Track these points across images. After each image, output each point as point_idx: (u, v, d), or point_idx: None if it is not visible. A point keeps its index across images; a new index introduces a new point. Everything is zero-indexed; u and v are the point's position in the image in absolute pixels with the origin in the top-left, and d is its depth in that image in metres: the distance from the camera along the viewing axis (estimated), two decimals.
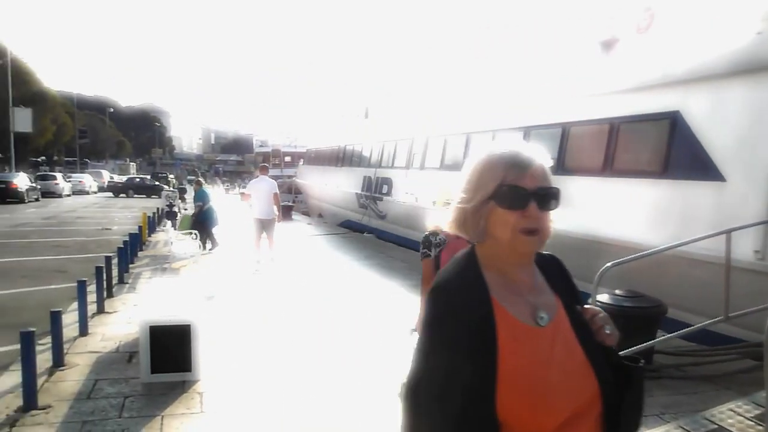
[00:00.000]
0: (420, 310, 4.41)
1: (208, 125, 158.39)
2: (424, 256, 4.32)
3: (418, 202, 14.54)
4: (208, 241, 13.78)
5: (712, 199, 6.77)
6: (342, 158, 23.92)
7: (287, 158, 53.11)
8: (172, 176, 62.28)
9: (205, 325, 5.83)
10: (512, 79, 12.25)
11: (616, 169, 8.30)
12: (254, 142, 71.28)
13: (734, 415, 4.44)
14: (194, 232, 12.88)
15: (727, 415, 4.45)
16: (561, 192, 1.33)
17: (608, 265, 5.17)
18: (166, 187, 39.87)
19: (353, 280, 10.74)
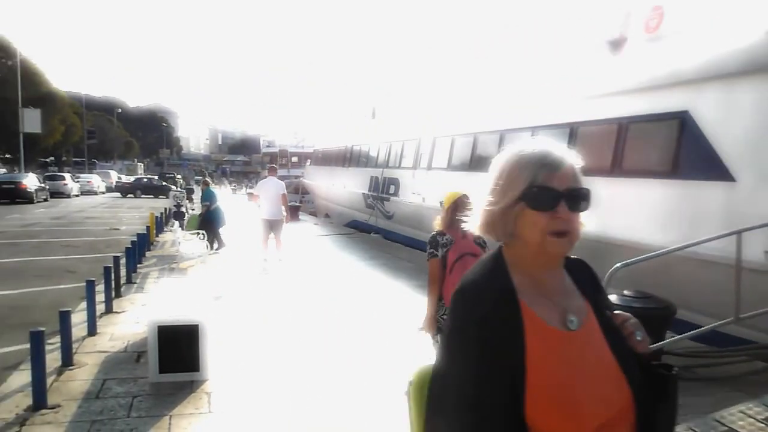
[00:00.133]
0: (427, 309, 4.40)
1: (215, 125, 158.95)
2: (431, 256, 4.33)
3: (425, 202, 14.53)
4: (215, 241, 13.82)
5: (721, 199, 6.72)
6: (349, 158, 23.93)
7: (294, 158, 53.29)
8: (179, 176, 62.54)
9: (213, 325, 5.84)
10: (520, 79, 12.22)
11: (625, 169, 8.26)
12: (261, 143, 71.48)
13: (745, 417, 4.40)
14: (202, 232, 12.92)
15: (738, 417, 4.42)
16: (592, 193, 1.29)
17: (617, 265, 5.14)
18: (174, 188, 40.05)
19: (360, 281, 10.74)
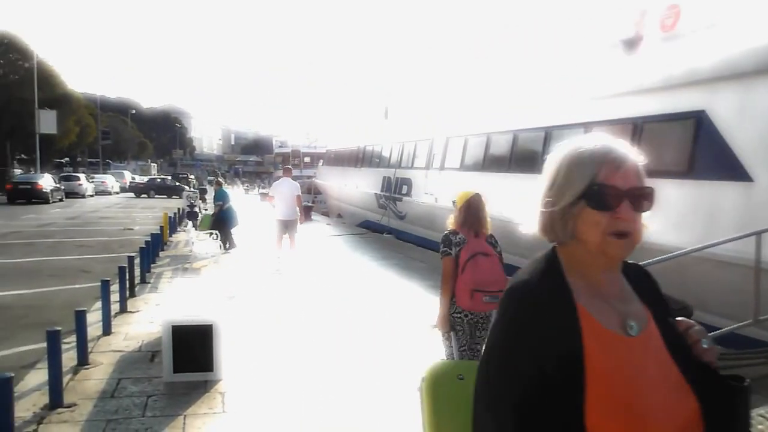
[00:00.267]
0: (440, 307, 4.40)
1: (228, 126, 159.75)
2: (445, 254, 4.34)
3: (438, 202, 14.49)
4: (227, 241, 13.88)
5: (739, 199, 6.64)
6: (361, 159, 23.94)
7: (306, 159, 53.48)
8: (192, 177, 62.90)
9: (227, 325, 5.86)
10: (533, 79, 12.15)
11: None
12: (274, 143, 71.70)
13: (764, 421, 4.34)
14: (215, 233, 12.98)
15: (758, 420, 4.35)
16: (655, 193, 1.24)
17: None
18: (187, 188, 40.31)
19: (372, 281, 10.74)
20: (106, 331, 6.80)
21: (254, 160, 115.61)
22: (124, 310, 7.86)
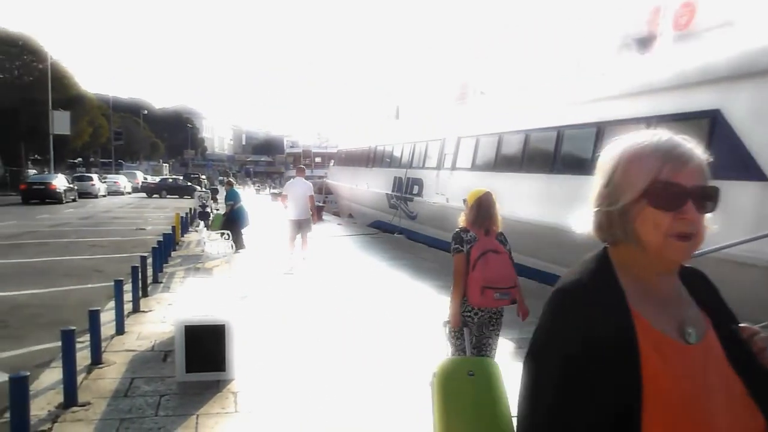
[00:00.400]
0: (451, 304, 4.41)
1: (239, 126, 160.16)
2: (457, 251, 4.37)
3: (449, 202, 14.46)
4: (237, 241, 13.92)
5: (754, 199, 6.57)
6: (372, 159, 23.95)
7: (317, 159, 53.62)
8: (204, 177, 63.19)
9: (239, 324, 5.88)
10: (544, 79, 12.10)
11: None
12: (285, 143, 71.92)
13: None
14: (226, 233, 13.03)
15: None
16: (720, 192, 1.17)
17: None
18: (199, 188, 40.49)
19: (384, 281, 10.73)
20: (119, 330, 6.84)
21: (265, 161, 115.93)
22: (136, 309, 7.91)
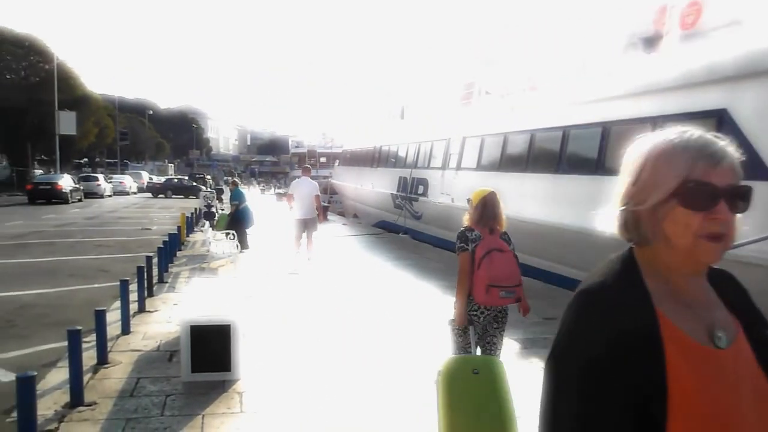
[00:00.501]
0: (457, 302, 4.40)
1: (244, 126, 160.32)
2: (462, 250, 4.38)
3: (455, 202, 14.45)
4: (242, 241, 13.94)
5: (762, 200, 6.52)
6: (377, 159, 23.95)
7: (322, 159, 53.71)
8: (209, 177, 63.30)
9: (245, 324, 5.88)
10: (549, 78, 12.06)
11: None
12: (290, 143, 72.04)
13: None
14: (232, 233, 13.06)
15: None
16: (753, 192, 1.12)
17: None
18: (204, 188, 40.58)
19: (389, 281, 10.72)
20: (125, 330, 6.85)
21: (270, 161, 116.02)
22: (142, 309, 7.93)
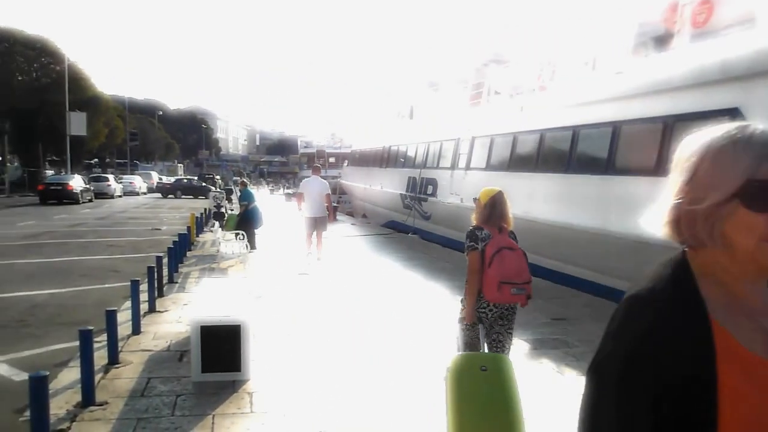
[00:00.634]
0: (467, 301, 4.41)
1: (253, 126, 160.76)
2: (472, 249, 4.42)
3: (464, 202, 14.42)
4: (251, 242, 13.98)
5: None
6: (386, 159, 23.94)
7: (331, 159, 53.77)
8: (218, 177, 63.53)
9: (255, 325, 5.89)
10: (559, 78, 12.01)
11: (671, 169, 8.03)
12: (299, 144, 72.12)
13: None
14: (241, 233, 13.10)
15: None
16: None
17: None
18: (213, 189, 40.73)
19: (398, 281, 10.71)
20: (136, 330, 6.88)
21: (279, 161, 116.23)
22: (152, 309, 7.96)
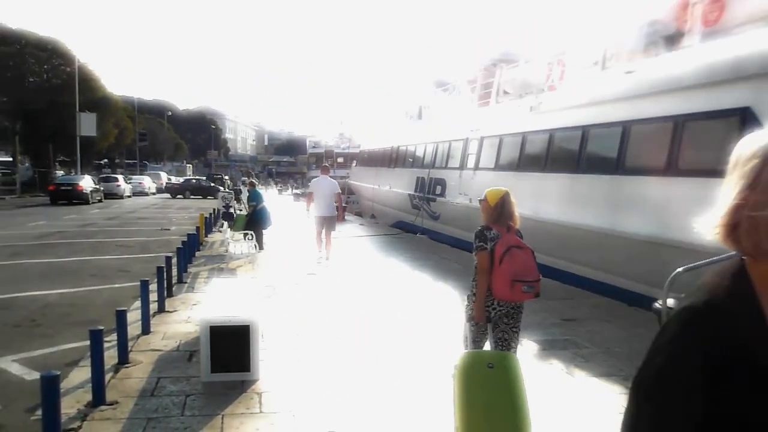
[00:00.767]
0: (476, 299, 4.42)
1: (262, 126, 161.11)
2: (481, 249, 4.45)
3: (473, 203, 14.38)
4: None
5: None
6: (395, 159, 23.93)
7: (340, 159, 53.82)
8: (227, 177, 63.77)
9: (264, 325, 5.90)
10: (569, 77, 11.96)
11: (682, 168, 7.98)
12: (308, 144, 72.20)
13: None
14: (250, 233, 13.13)
15: None
16: None
17: (679, 270, 4.95)
18: (222, 189, 40.84)
19: (407, 281, 10.70)
20: (145, 330, 6.91)
21: (287, 161, 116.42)
22: (162, 309, 7.99)
